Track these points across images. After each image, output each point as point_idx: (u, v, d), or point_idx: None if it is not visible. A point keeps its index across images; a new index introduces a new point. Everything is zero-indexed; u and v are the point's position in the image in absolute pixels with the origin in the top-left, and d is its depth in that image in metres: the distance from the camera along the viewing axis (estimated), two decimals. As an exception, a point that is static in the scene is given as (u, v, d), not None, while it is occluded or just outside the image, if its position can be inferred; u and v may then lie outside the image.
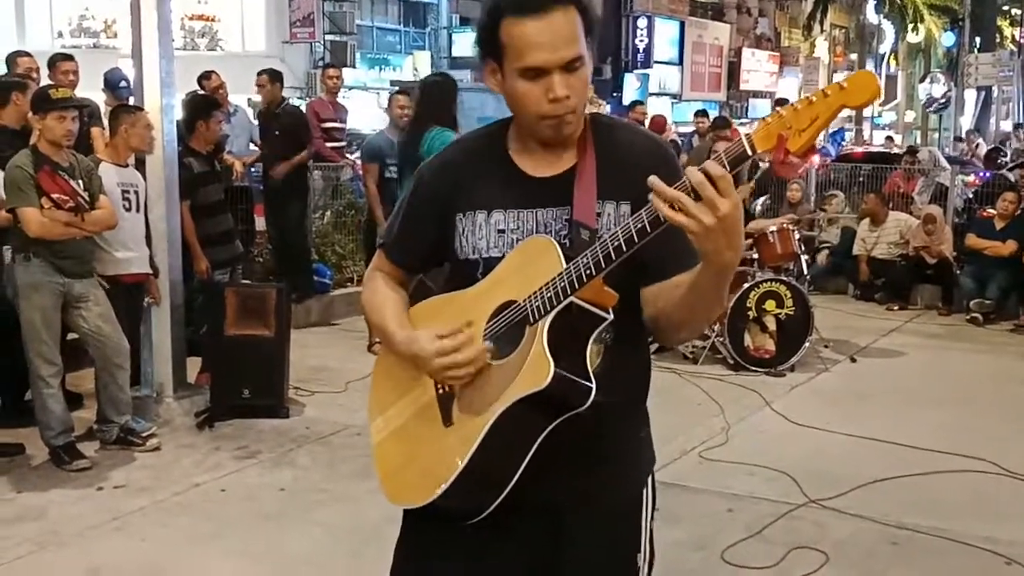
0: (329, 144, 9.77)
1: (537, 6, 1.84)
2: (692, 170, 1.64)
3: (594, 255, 1.74)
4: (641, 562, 2.10)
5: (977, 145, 19.66)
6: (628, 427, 2.11)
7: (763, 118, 1.67)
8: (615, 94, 27.18)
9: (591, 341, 1.82)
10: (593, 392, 1.80)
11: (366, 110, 19.75)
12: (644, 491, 2.13)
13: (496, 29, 1.88)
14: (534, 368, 1.79)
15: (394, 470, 2.06)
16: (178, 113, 6.47)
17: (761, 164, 12.72)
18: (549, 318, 1.79)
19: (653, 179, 1.67)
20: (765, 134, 1.63)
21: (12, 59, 7.40)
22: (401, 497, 2.03)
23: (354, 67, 20.50)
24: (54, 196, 5.14)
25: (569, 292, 1.77)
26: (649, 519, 2.15)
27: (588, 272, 1.75)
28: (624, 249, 1.72)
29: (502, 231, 1.98)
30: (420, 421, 2.01)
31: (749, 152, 1.63)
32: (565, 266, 1.78)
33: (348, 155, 10.83)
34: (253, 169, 9.34)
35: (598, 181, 1.94)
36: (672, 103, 30.68)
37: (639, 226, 1.69)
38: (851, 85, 1.61)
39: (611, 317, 1.82)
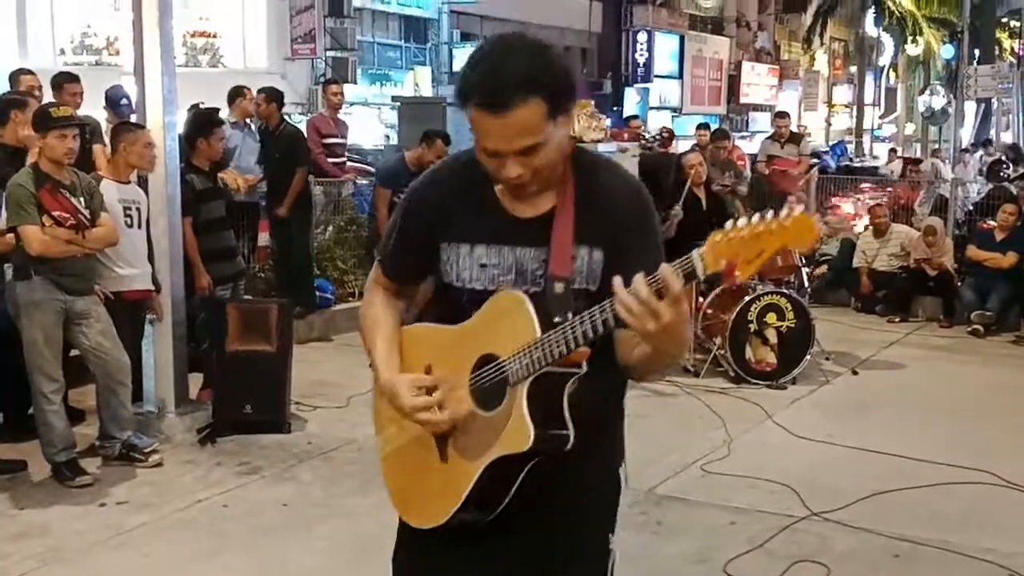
0: (330, 160, 9.81)
1: (497, 105, 1.92)
2: (640, 284, 1.80)
3: (566, 337, 1.89)
4: (613, 543, 2.24)
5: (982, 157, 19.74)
6: (604, 427, 2.22)
7: (714, 238, 1.76)
8: (615, 108, 27.24)
9: (567, 392, 1.96)
10: (571, 440, 1.96)
11: (367, 126, 19.82)
12: (618, 478, 2.27)
13: (466, 107, 1.98)
14: (516, 431, 1.95)
15: (402, 490, 2.25)
16: (180, 129, 6.49)
17: (748, 174, 12.77)
18: (526, 385, 1.94)
19: (616, 282, 1.83)
20: (714, 257, 1.76)
21: (15, 77, 7.43)
22: (413, 519, 2.22)
23: (355, 83, 20.55)
24: (55, 214, 5.15)
25: (542, 365, 1.92)
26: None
27: (560, 351, 1.90)
28: (591, 336, 1.88)
29: (484, 265, 2.10)
30: (420, 448, 2.16)
31: (700, 274, 1.78)
32: (539, 335, 1.92)
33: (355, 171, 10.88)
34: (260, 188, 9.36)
35: (575, 225, 2.04)
36: (672, 117, 30.72)
37: (604, 318, 1.86)
38: (793, 227, 1.72)
39: (584, 370, 1.95)
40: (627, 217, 2.06)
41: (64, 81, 7.44)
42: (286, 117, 9.30)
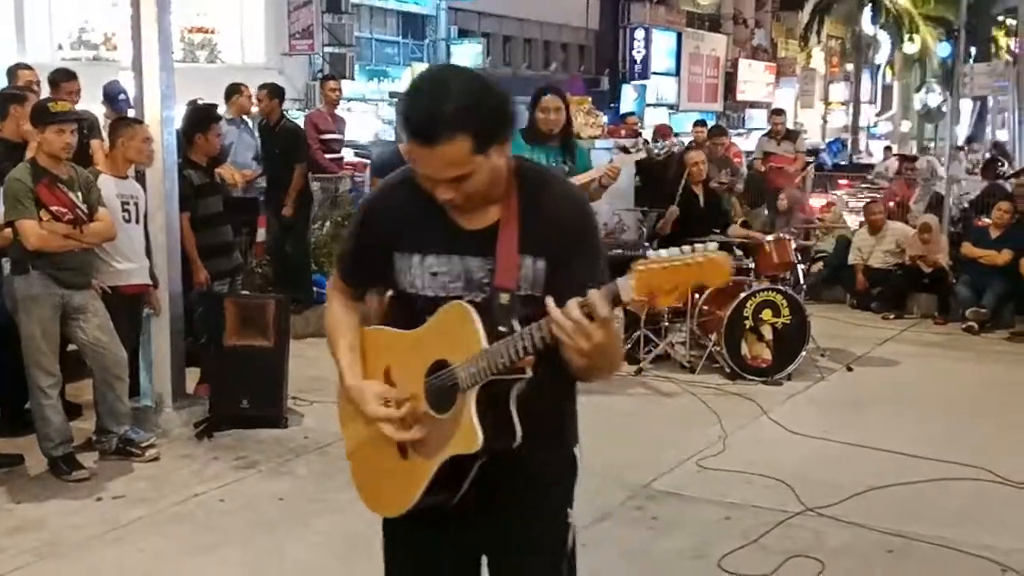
0: (327, 155, 9.81)
1: (425, 139, 2.05)
2: (572, 308, 1.93)
3: (508, 351, 2.02)
4: (571, 517, 2.38)
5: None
6: (555, 418, 2.36)
7: (638, 267, 1.90)
8: (612, 105, 27.26)
9: (513, 394, 2.10)
10: (519, 438, 2.10)
11: (365, 121, 19.82)
12: (573, 457, 2.41)
13: (402, 132, 2.13)
14: (465, 436, 2.10)
15: (367, 485, 2.43)
16: (178, 124, 6.50)
17: (744, 171, 12.78)
18: (474, 392, 2.09)
19: (549, 304, 1.97)
20: (640, 285, 1.89)
21: (13, 72, 7.42)
22: (379, 510, 2.41)
23: (353, 79, 20.55)
24: (53, 208, 5.16)
25: (489, 374, 2.06)
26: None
27: (504, 363, 2.04)
28: (530, 351, 2.02)
29: (435, 274, 2.24)
30: (382, 445, 2.30)
31: (624, 299, 1.91)
32: (484, 346, 2.06)
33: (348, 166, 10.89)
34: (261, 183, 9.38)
35: (520, 236, 2.17)
36: (669, 113, 30.76)
37: (541, 335, 1.99)
38: (708, 265, 1.88)
39: (529, 375, 2.08)
40: (569, 229, 2.19)
41: (61, 79, 7.42)
42: (285, 113, 9.31)
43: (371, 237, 2.33)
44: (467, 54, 25.52)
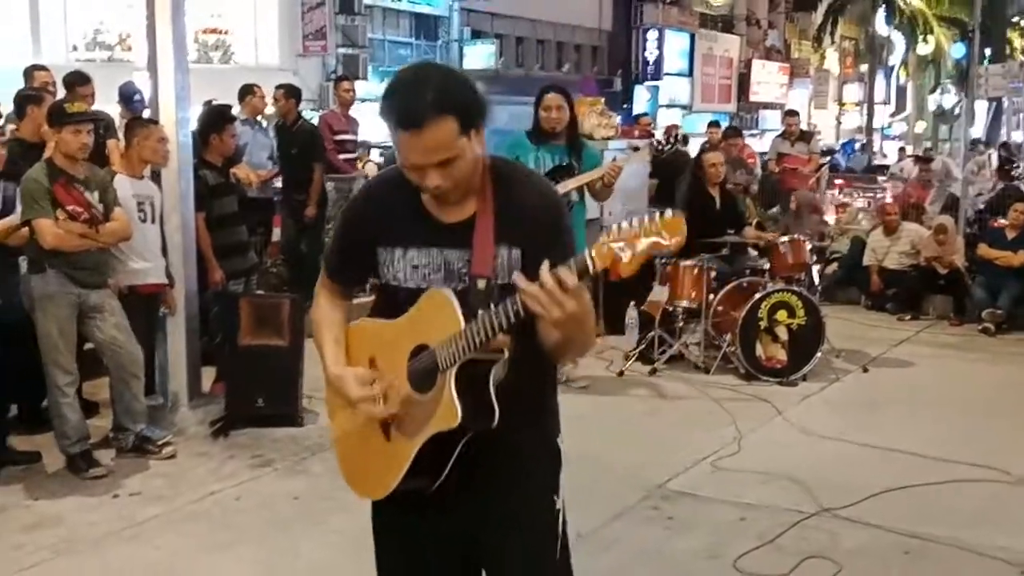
0: (341, 156, 9.83)
1: (412, 124, 2.15)
2: (545, 274, 2.00)
3: (484, 326, 2.11)
4: (559, 504, 2.47)
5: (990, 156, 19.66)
6: (535, 402, 2.44)
7: (600, 239, 2.01)
8: (625, 106, 27.25)
9: (492, 375, 2.19)
10: (496, 417, 2.18)
11: (378, 121, 19.82)
12: (556, 447, 2.50)
13: (387, 124, 2.22)
14: (445, 413, 2.19)
15: (353, 469, 2.51)
16: (193, 126, 6.53)
17: (759, 172, 12.75)
18: (453, 371, 2.18)
19: (517, 277, 2.06)
20: (600, 256, 1.99)
21: (29, 73, 7.47)
22: (364, 492, 2.48)
23: (366, 79, 20.57)
24: (69, 208, 5.19)
25: (467, 352, 2.14)
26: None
27: (481, 339, 2.12)
28: (505, 326, 2.09)
29: (416, 266, 2.35)
30: (366, 430, 2.40)
31: (591, 269, 2.00)
32: (463, 326, 2.15)
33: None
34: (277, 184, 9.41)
35: (496, 228, 2.29)
36: (682, 115, 30.72)
37: (515, 308, 2.07)
38: (664, 227, 1.97)
39: (505, 356, 2.17)
40: (542, 221, 2.31)
41: (76, 83, 7.45)
42: (301, 114, 9.35)
43: (356, 234, 2.45)
44: (480, 55, 25.53)
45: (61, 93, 7.18)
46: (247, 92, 9.13)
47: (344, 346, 2.47)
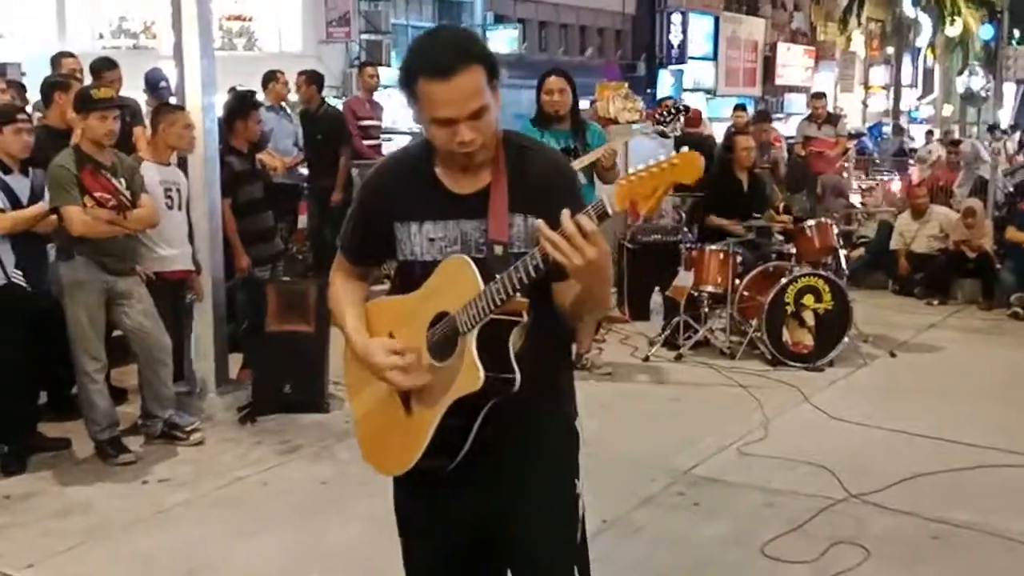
0: (366, 142, 9.84)
1: (444, 71, 2.17)
2: (567, 221, 2.03)
3: (503, 284, 2.13)
4: (579, 488, 2.47)
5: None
6: (551, 379, 2.44)
7: (619, 181, 2.05)
8: (649, 90, 27.12)
9: (511, 339, 2.19)
10: (518, 382, 2.18)
11: (401, 108, 19.83)
12: (574, 428, 2.50)
13: (413, 84, 2.23)
14: (467, 375, 2.19)
15: (373, 446, 2.52)
16: (219, 112, 6.54)
17: (785, 155, 12.65)
18: (474, 332, 2.18)
19: (539, 224, 2.08)
20: (620, 196, 2.02)
21: (57, 60, 7.50)
22: (385, 468, 2.48)
23: (389, 66, 20.55)
24: (96, 195, 5.20)
25: (487, 312, 2.15)
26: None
27: (501, 297, 2.14)
28: (526, 281, 2.11)
29: (432, 239, 2.36)
30: (387, 406, 2.41)
31: (610, 212, 2.03)
32: (482, 287, 2.16)
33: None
34: (303, 170, 9.44)
35: (510, 197, 2.31)
36: (707, 99, 30.54)
37: (535, 263, 2.09)
38: (681, 162, 2.01)
39: (525, 319, 2.18)
40: (554, 186, 2.33)
41: (103, 68, 7.48)
42: (325, 99, 9.36)
43: (371, 212, 2.46)
44: (503, 39, 25.44)
45: (88, 80, 7.21)
46: (270, 78, 9.15)
47: (364, 319, 2.49)
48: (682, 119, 8.17)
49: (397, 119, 16.45)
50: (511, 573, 2.48)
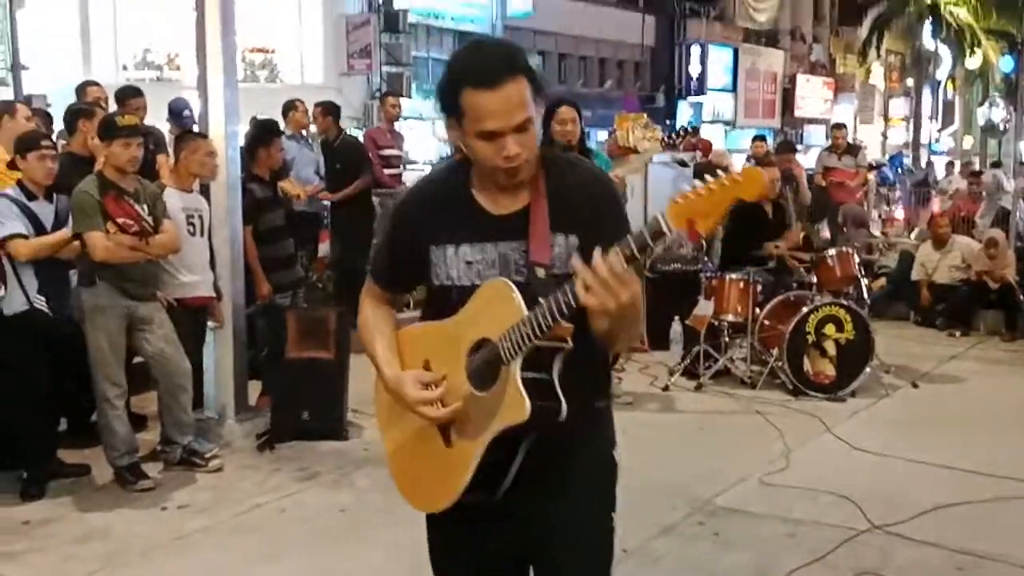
0: (386, 171, 9.89)
1: (492, 81, 2.10)
2: (598, 262, 1.95)
3: (549, 310, 2.04)
4: (615, 522, 2.41)
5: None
6: (592, 407, 2.36)
7: (674, 199, 1.92)
8: (668, 121, 27.14)
9: (556, 366, 2.12)
10: (564, 411, 2.11)
11: (422, 140, 19.95)
12: (613, 459, 2.45)
13: (456, 96, 2.15)
14: (513, 405, 2.10)
15: (411, 481, 2.41)
16: (241, 141, 6.59)
17: (801, 184, 12.62)
18: (518, 360, 2.10)
19: (575, 262, 2.02)
20: (676, 215, 1.91)
21: (82, 88, 7.59)
22: (424, 504, 2.39)
23: (410, 97, 20.68)
24: (119, 220, 5.24)
25: (532, 339, 2.07)
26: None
27: (547, 323, 2.05)
28: (573, 305, 2.01)
29: (470, 263, 2.27)
30: (424, 439, 2.31)
31: (666, 231, 1.92)
32: (525, 314, 2.08)
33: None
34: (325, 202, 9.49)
35: (550, 216, 2.23)
36: (726, 130, 30.56)
37: (567, 298, 2.01)
38: (744, 178, 1.90)
39: (570, 345, 2.10)
40: (596, 206, 2.25)
41: (128, 96, 7.57)
42: (343, 129, 9.42)
43: (405, 235, 2.37)
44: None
45: (113, 108, 7.28)
46: (289, 108, 9.23)
47: (395, 349, 2.39)
48: (692, 140, 8.21)
49: (416, 151, 16.55)
50: None
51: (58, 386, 5.48)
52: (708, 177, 1.93)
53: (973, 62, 36.57)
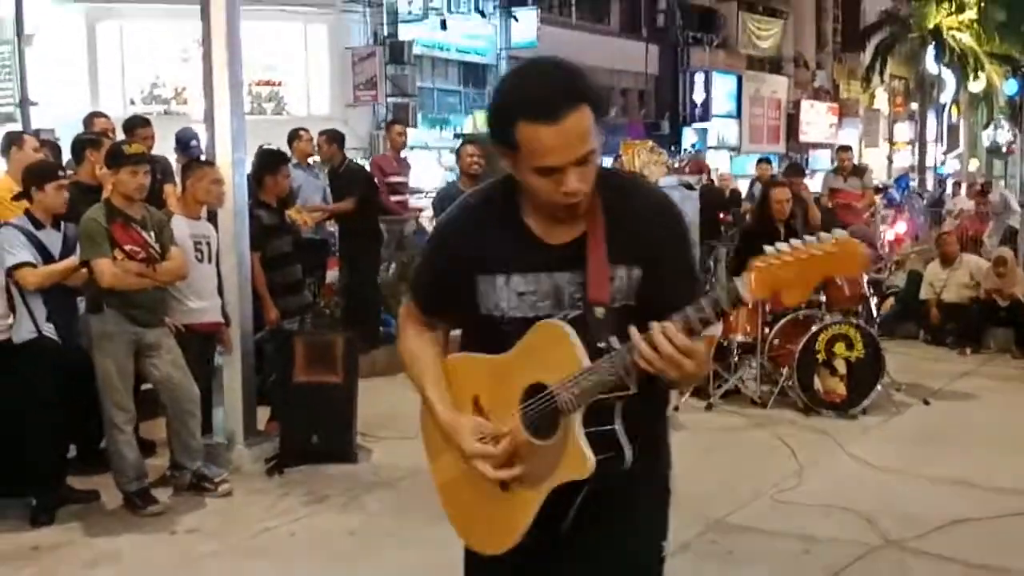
0: (393, 198, 9.92)
1: (551, 114, 1.91)
2: (657, 335, 1.87)
3: (614, 368, 1.94)
4: (666, 550, 2.30)
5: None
6: (652, 440, 2.26)
7: (757, 263, 1.78)
8: (673, 147, 27.20)
9: (618, 413, 2.01)
10: (629, 459, 2.01)
11: (427, 168, 20.02)
12: (668, 485, 2.33)
13: (510, 127, 1.95)
14: (575, 459, 2.01)
15: (464, 519, 2.29)
16: (248, 168, 6.61)
17: (810, 206, 12.63)
18: (578, 415, 1.99)
19: (632, 332, 1.90)
20: (760, 284, 1.79)
21: (89, 119, 7.63)
22: (483, 546, 2.27)
23: (415, 127, 20.79)
24: (126, 247, 5.26)
25: (591, 396, 1.97)
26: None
27: (613, 381, 1.95)
28: (629, 377, 1.94)
29: (522, 293, 2.12)
30: (478, 480, 2.17)
31: (745, 299, 1.81)
32: (584, 364, 1.96)
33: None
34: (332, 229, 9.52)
35: (608, 246, 2.06)
36: (731, 156, 30.63)
37: (629, 364, 1.92)
38: (840, 251, 1.75)
39: (634, 390, 1.98)
40: (659, 232, 2.11)
41: (136, 126, 7.62)
42: (347, 157, 9.47)
43: (450, 261, 2.22)
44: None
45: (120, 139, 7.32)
46: (294, 137, 9.27)
47: (445, 383, 2.25)
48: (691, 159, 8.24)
49: (422, 180, 16.61)
50: None
51: (68, 413, 5.47)
52: (795, 242, 1.75)
53: (976, 86, 36.68)
